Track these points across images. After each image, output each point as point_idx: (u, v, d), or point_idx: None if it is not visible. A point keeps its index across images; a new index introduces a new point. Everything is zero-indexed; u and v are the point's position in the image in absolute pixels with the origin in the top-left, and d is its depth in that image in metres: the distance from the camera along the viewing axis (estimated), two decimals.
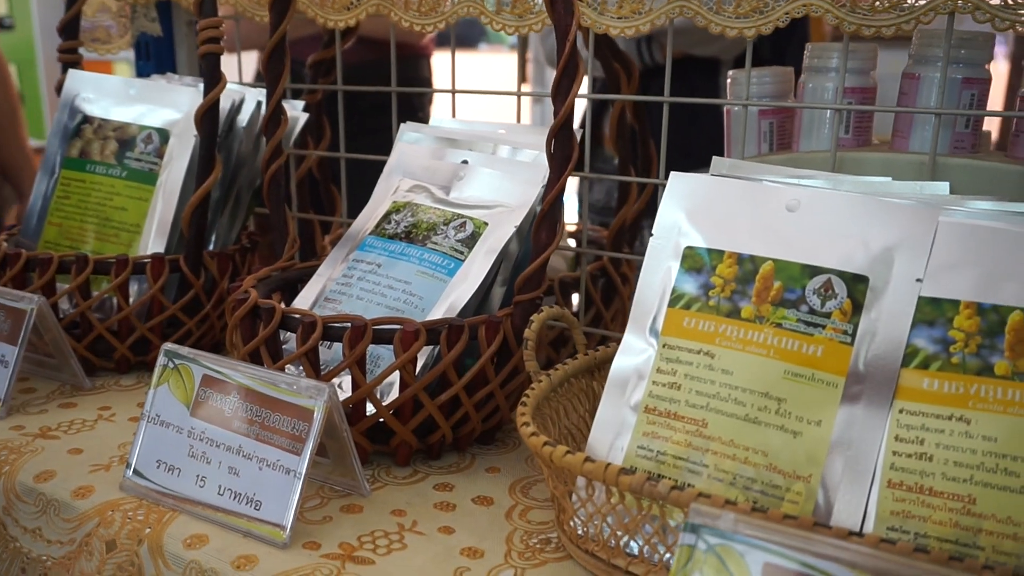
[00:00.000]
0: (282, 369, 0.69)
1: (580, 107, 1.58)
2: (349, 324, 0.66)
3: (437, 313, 0.73)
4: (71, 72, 0.95)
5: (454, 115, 0.96)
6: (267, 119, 0.83)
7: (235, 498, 0.61)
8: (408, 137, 0.89)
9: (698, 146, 1.08)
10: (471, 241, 0.77)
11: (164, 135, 0.91)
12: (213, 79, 0.83)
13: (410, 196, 0.83)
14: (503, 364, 0.71)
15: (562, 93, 0.67)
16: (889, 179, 0.69)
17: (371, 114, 1.25)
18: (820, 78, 0.80)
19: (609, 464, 0.51)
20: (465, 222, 0.78)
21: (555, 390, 0.66)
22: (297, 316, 0.68)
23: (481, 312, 0.74)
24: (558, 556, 0.59)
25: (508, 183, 0.79)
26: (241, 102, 0.94)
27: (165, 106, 0.92)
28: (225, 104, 0.94)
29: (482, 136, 0.88)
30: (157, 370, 0.66)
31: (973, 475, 0.48)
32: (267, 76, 0.82)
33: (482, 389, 0.70)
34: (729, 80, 0.89)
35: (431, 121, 0.94)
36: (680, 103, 0.85)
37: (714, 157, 0.71)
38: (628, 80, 1.06)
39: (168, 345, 0.67)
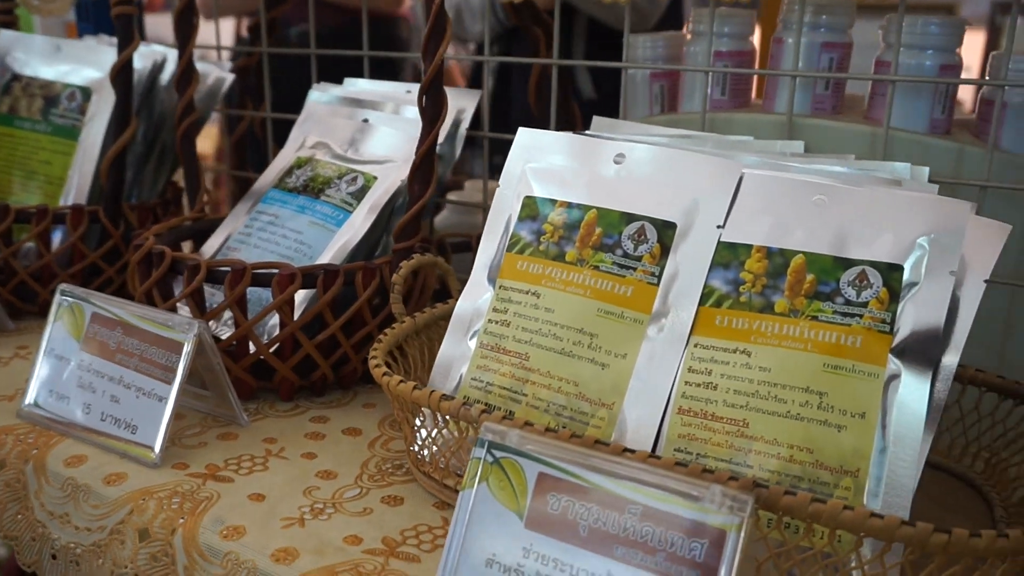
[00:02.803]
0: (173, 308, 0.74)
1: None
2: (230, 268, 0.71)
3: (323, 260, 0.78)
4: (1, 32, 1.00)
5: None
6: (178, 77, 0.88)
7: (115, 423, 0.67)
8: (316, 97, 0.94)
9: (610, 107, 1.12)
10: (361, 194, 0.81)
11: (87, 93, 0.96)
12: (126, 39, 0.88)
13: (312, 152, 0.87)
14: (382, 308, 0.76)
15: (430, 52, 0.72)
16: (751, 138, 0.74)
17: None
18: (697, 42, 0.84)
19: (433, 391, 0.57)
20: (357, 176, 0.83)
21: (420, 331, 0.71)
22: (184, 260, 0.73)
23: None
24: (404, 479, 0.64)
25: (402, 140, 0.84)
26: (163, 62, 0.99)
27: (88, 65, 0.97)
28: (147, 64, 0.98)
29: (388, 96, 0.92)
30: (53, 308, 0.72)
31: (749, 402, 0.53)
32: (177, 36, 0.87)
33: (360, 331, 0.75)
34: (626, 43, 0.93)
35: (344, 82, 0.99)
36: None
37: (595, 117, 0.76)
38: (548, 44, 1.09)
39: (64, 286, 0.72)
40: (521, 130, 0.66)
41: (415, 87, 0.96)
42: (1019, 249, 0.74)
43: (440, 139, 0.86)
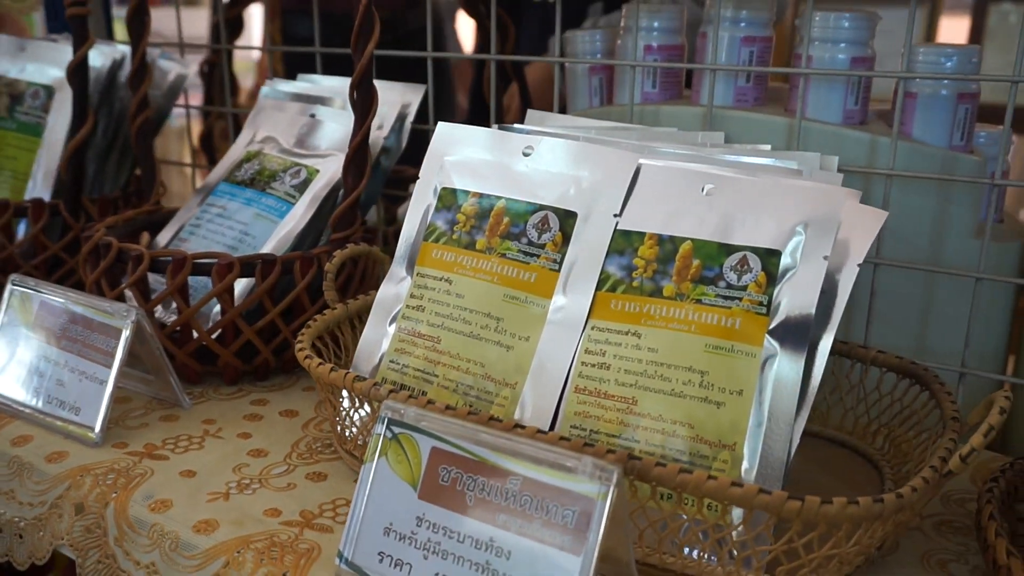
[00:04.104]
0: (121, 297, 0.78)
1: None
2: (171, 258, 0.75)
3: (265, 250, 0.81)
4: None
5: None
6: (131, 74, 0.91)
7: (60, 405, 0.70)
8: (268, 92, 0.97)
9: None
10: (303, 187, 0.85)
11: (49, 91, 0.99)
12: (81, 38, 0.91)
13: (261, 146, 0.91)
14: (323, 296, 0.80)
15: (360, 47, 0.75)
16: (675, 129, 0.77)
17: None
18: (629, 37, 0.87)
19: (348, 373, 0.60)
20: (300, 169, 0.86)
21: (353, 318, 0.74)
22: (129, 251, 0.76)
23: None
24: (331, 457, 0.68)
25: (346, 134, 0.87)
26: (123, 59, 1.02)
27: (52, 64, 1.00)
28: (107, 61, 1.02)
29: (337, 91, 0.95)
30: (5, 297, 0.75)
31: (637, 380, 0.56)
32: (129, 34, 0.90)
33: (300, 318, 0.79)
34: (565, 39, 0.96)
35: (298, 78, 1.02)
36: None
37: (528, 110, 0.79)
38: (503, 38, 1.13)
39: (15, 276, 0.76)
40: (440, 124, 0.69)
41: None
42: (933, 236, 0.77)
43: (385, 132, 0.90)
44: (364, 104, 0.76)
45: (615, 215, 0.61)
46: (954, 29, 2.84)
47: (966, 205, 0.75)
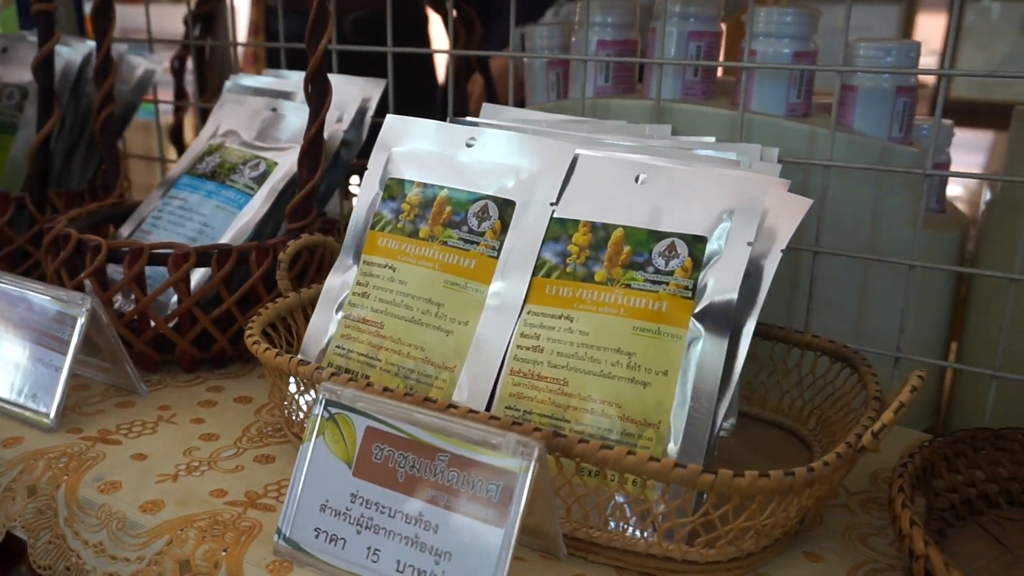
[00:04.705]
0: (79, 287, 0.79)
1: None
2: (129, 248, 0.77)
3: (222, 241, 0.83)
4: None
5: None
6: (96, 69, 0.93)
7: (18, 392, 0.72)
8: (231, 86, 0.99)
9: None
10: (262, 179, 0.87)
11: (24, 91, 1.01)
12: (46, 34, 0.93)
13: (223, 140, 0.93)
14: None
15: (313, 42, 0.76)
16: (625, 122, 0.79)
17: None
18: (582, 32, 0.89)
19: (292, 357, 0.62)
20: (259, 162, 0.88)
21: (306, 306, 0.76)
22: (87, 242, 0.78)
23: None
24: (281, 441, 0.69)
25: (304, 127, 0.89)
26: (91, 55, 1.04)
27: (24, 64, 1.02)
28: (76, 57, 1.03)
29: (300, 86, 0.97)
30: None
31: (569, 362, 0.58)
32: (94, 29, 0.92)
33: (256, 307, 0.80)
34: (523, 34, 0.98)
35: (264, 72, 1.03)
36: None
37: (484, 104, 0.81)
38: (468, 35, 1.14)
39: None
40: (388, 116, 0.71)
41: (331, 77, 1.01)
42: (873, 225, 0.79)
43: (345, 126, 0.92)
44: (319, 97, 0.78)
45: (551, 204, 0.63)
46: (931, 26, 2.86)
47: (904, 196, 0.77)
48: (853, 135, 0.78)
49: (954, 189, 1.27)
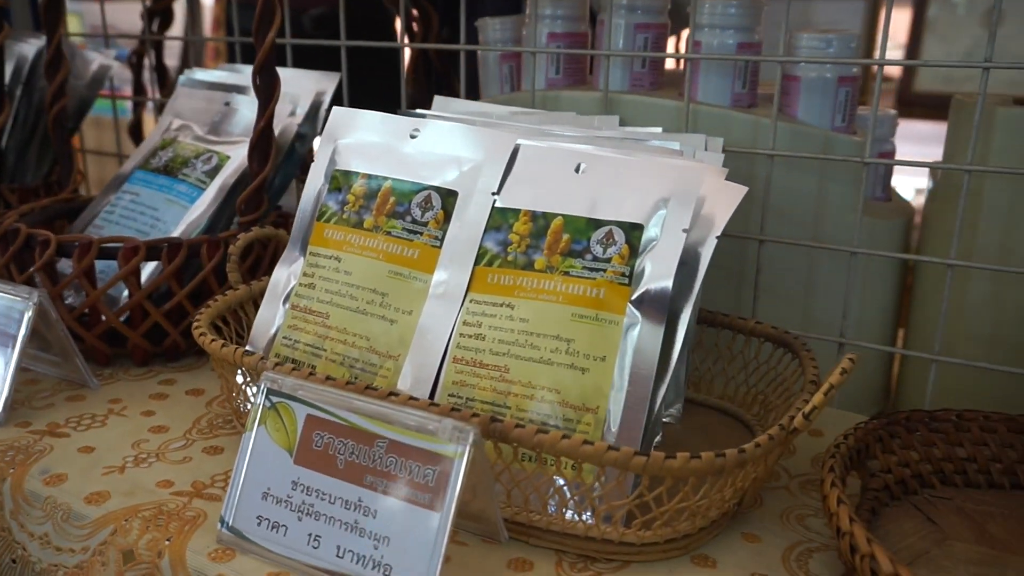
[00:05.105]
0: (29, 282, 0.79)
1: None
2: (78, 243, 0.77)
3: (174, 235, 0.83)
4: None
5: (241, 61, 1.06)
6: (47, 63, 0.92)
7: None
8: (185, 81, 0.99)
9: None
10: (214, 173, 0.87)
11: None
12: None
13: (176, 134, 0.92)
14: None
15: (261, 35, 0.77)
16: (574, 113, 0.80)
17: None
18: (532, 25, 0.90)
19: (237, 348, 0.62)
20: (212, 156, 0.88)
21: (257, 299, 0.76)
22: (36, 236, 0.78)
23: None
24: (230, 432, 0.70)
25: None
26: (43, 50, 1.03)
27: None
28: (29, 52, 1.03)
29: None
30: None
31: (510, 349, 0.59)
32: (44, 22, 0.91)
33: (208, 300, 0.80)
34: (478, 27, 0.98)
35: (219, 67, 1.03)
36: None
37: (436, 96, 0.81)
38: (426, 28, 1.15)
39: None
40: (334, 108, 0.71)
41: (286, 71, 1.01)
42: (815, 212, 0.80)
43: (300, 119, 0.92)
44: (267, 90, 0.78)
45: (493, 193, 0.63)
46: (897, 20, 2.89)
47: (848, 184, 0.78)
48: (797, 125, 0.79)
49: (920, 180, 1.29)
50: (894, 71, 3.04)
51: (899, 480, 0.61)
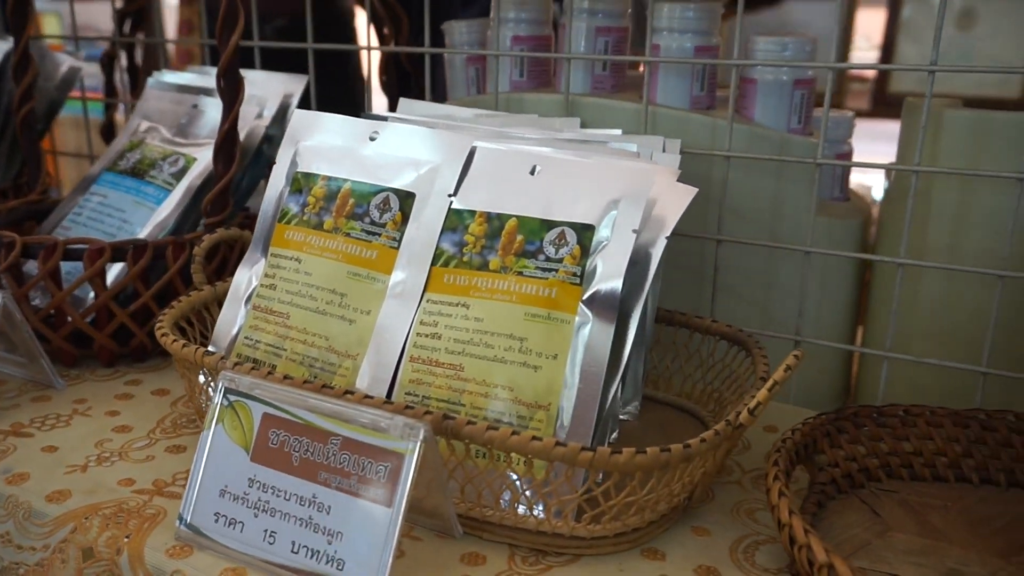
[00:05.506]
0: None
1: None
2: (43, 244, 0.77)
3: (141, 236, 0.84)
4: None
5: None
6: (14, 65, 0.93)
7: None
8: (153, 83, 0.99)
9: None
10: (180, 174, 0.87)
11: None
12: None
13: (144, 136, 0.93)
14: None
15: (224, 39, 0.77)
16: (536, 115, 0.81)
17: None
18: (497, 28, 0.91)
19: (198, 348, 0.63)
20: (178, 158, 0.89)
21: (222, 299, 0.77)
22: (2, 238, 0.78)
23: None
24: (193, 432, 0.71)
25: None
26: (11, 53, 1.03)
27: None
28: None
29: None
30: None
31: (465, 348, 0.60)
32: (12, 25, 0.92)
33: (173, 300, 0.81)
34: (444, 30, 0.99)
35: (188, 69, 1.04)
36: None
37: (401, 99, 0.82)
38: (395, 31, 1.16)
39: None
40: (296, 111, 0.72)
41: (254, 74, 1.02)
42: (772, 214, 0.82)
43: (267, 121, 0.93)
44: (231, 92, 0.79)
45: (449, 195, 0.64)
46: (870, 22, 2.93)
47: (804, 185, 0.80)
48: (754, 127, 0.80)
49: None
50: (869, 74, 3.08)
51: (846, 474, 0.63)
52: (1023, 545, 0.57)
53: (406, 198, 0.65)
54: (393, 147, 0.67)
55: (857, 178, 1.26)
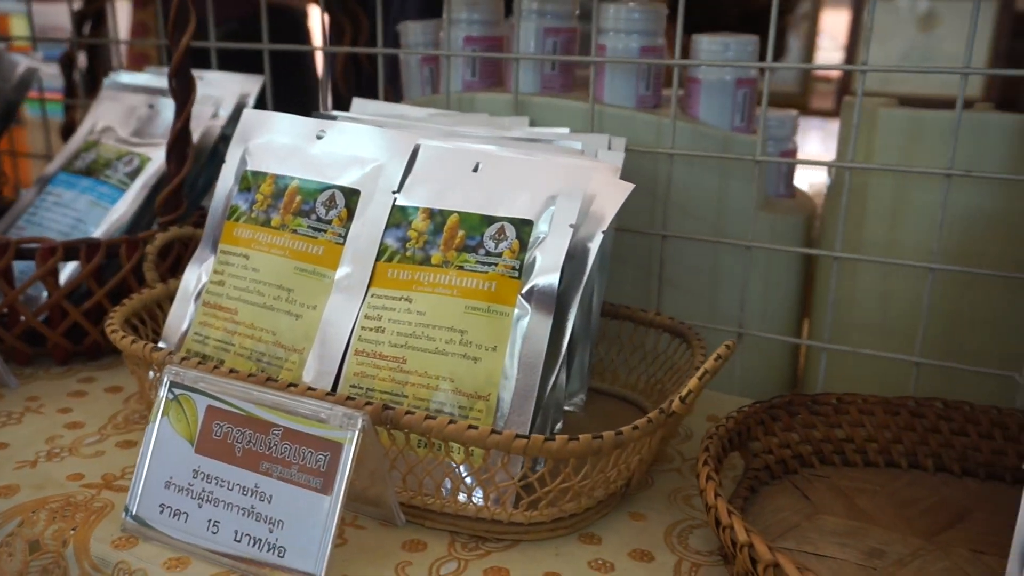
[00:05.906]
0: None
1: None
2: None
3: (96, 235, 0.84)
4: None
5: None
6: None
7: None
8: (109, 84, 1.00)
9: None
10: (135, 174, 0.88)
11: None
12: None
13: (99, 136, 0.94)
14: None
15: (176, 39, 0.78)
16: (487, 114, 0.83)
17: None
18: (449, 28, 0.92)
19: (146, 344, 0.64)
20: (133, 157, 0.89)
21: (174, 297, 0.78)
22: None
23: None
24: (145, 427, 0.71)
25: None
26: None
27: None
28: None
29: None
30: None
31: (408, 341, 0.62)
32: None
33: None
34: (399, 31, 1.01)
35: (145, 69, 1.05)
36: None
37: (354, 99, 0.84)
38: (354, 31, 1.17)
39: None
40: (245, 111, 0.73)
41: (210, 74, 1.02)
42: (717, 210, 0.84)
43: (223, 121, 0.94)
44: (182, 92, 0.80)
45: (393, 192, 0.66)
46: (835, 23, 2.97)
47: (747, 181, 0.82)
48: (698, 125, 0.82)
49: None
50: (834, 74, 3.12)
51: (779, 460, 0.65)
52: (946, 526, 0.59)
53: (351, 195, 0.67)
54: (340, 146, 0.69)
55: (816, 177, 1.29)
